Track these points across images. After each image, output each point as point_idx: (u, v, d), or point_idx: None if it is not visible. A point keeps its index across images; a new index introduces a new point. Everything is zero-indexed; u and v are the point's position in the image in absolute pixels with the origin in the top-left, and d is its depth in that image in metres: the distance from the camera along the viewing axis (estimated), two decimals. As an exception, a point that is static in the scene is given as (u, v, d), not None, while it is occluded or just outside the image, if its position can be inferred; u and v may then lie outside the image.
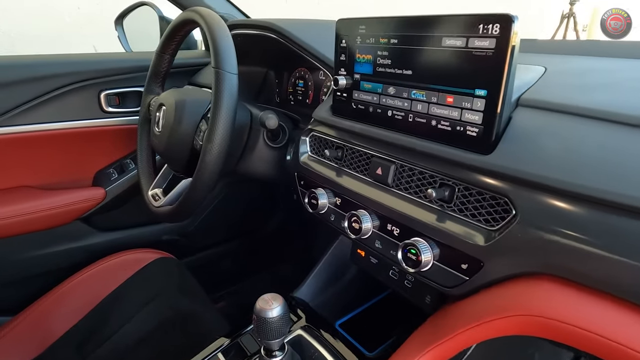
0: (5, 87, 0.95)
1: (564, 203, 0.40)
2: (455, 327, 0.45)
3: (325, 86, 0.96)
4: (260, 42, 0.92)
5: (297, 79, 1.06)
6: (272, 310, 0.49)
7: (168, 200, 0.79)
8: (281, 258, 1.55)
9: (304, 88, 1.04)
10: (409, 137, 0.54)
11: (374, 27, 0.57)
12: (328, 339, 0.64)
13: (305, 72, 1.03)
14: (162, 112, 0.77)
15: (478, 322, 0.42)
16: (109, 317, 0.91)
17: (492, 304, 0.43)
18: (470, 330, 0.43)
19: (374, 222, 0.57)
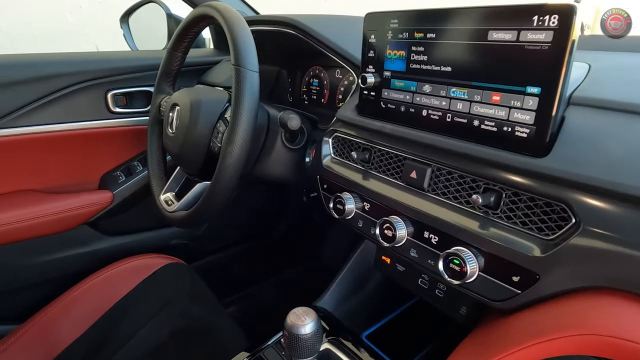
0: (9, 86, 0.91)
1: (631, 210, 0.36)
2: (507, 346, 0.41)
3: (343, 85, 0.92)
4: (275, 40, 0.88)
5: (311, 78, 1.03)
6: (304, 326, 0.46)
7: (182, 205, 0.75)
8: (290, 262, 1.51)
9: (318, 87, 1.00)
10: (447, 139, 0.50)
11: (408, 20, 0.53)
12: (355, 352, 0.61)
13: (321, 70, 0.99)
14: (176, 112, 0.74)
15: (535, 341, 0.39)
16: (118, 326, 0.88)
17: (550, 321, 0.39)
18: (525, 350, 0.39)
19: (408, 229, 0.54)
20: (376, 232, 0.56)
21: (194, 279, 1.00)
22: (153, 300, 0.91)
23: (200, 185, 0.77)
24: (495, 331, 0.45)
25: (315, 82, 1.01)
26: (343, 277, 0.73)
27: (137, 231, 1.19)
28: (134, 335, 0.85)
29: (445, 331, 0.65)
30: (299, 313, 0.47)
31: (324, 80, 0.98)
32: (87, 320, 0.88)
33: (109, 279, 0.96)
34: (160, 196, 0.81)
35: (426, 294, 0.64)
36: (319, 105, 1.00)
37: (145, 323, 0.87)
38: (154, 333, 0.85)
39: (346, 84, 0.91)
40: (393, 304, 0.72)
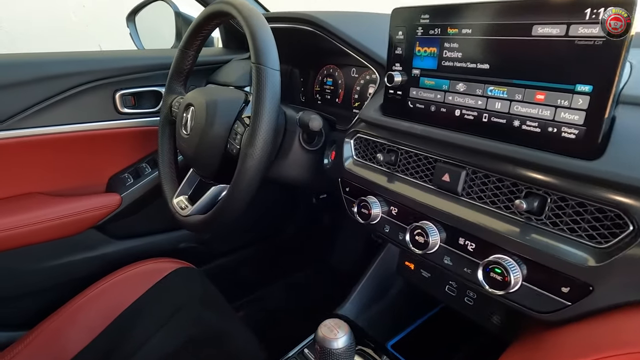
0: (15, 86, 0.89)
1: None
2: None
3: (359, 84, 0.89)
4: (289, 37, 0.86)
5: (324, 77, 1.00)
6: (337, 340, 0.43)
7: (197, 209, 0.73)
8: (299, 265, 1.49)
9: (332, 87, 0.98)
10: (485, 140, 0.48)
11: (441, 15, 0.50)
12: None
13: (335, 69, 0.96)
14: (191, 113, 0.71)
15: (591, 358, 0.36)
16: (128, 334, 0.85)
17: (607, 337, 0.36)
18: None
19: (441, 234, 0.51)
20: (406, 238, 0.53)
21: (206, 284, 0.97)
22: (164, 306, 0.89)
23: (216, 188, 0.74)
24: (542, 344, 0.42)
25: (329, 81, 0.99)
26: (364, 284, 0.70)
27: (145, 234, 1.17)
28: (145, 343, 0.83)
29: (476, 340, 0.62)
30: (331, 325, 0.44)
31: (339, 79, 0.95)
32: (96, 327, 0.85)
33: (118, 284, 0.93)
34: (173, 200, 0.79)
35: (454, 302, 0.62)
36: (333, 105, 0.98)
37: (157, 330, 0.84)
38: (166, 341, 0.83)
39: (362, 83, 0.88)
40: (417, 311, 0.69)
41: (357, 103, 0.91)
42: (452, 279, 0.62)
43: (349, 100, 0.93)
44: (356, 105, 0.91)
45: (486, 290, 0.44)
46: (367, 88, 0.87)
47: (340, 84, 0.95)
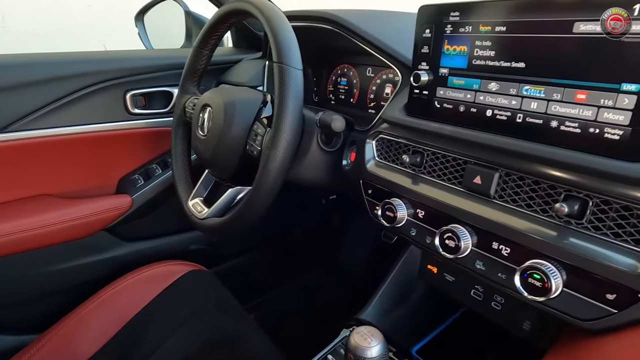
0: (26, 87, 0.87)
1: None
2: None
3: (375, 84, 0.88)
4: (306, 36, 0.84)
5: (338, 77, 0.99)
6: (371, 349, 0.41)
7: (214, 212, 0.71)
8: (308, 266, 1.47)
9: (347, 86, 0.96)
10: (520, 141, 0.46)
11: (473, 12, 0.49)
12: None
13: (350, 69, 0.95)
14: (207, 114, 0.70)
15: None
16: (142, 338, 0.83)
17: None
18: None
19: (472, 238, 0.50)
20: (435, 242, 0.52)
21: (218, 287, 0.96)
22: (178, 309, 0.87)
23: (233, 190, 0.72)
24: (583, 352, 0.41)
25: (343, 81, 0.97)
26: (386, 288, 0.68)
27: (154, 236, 1.16)
28: (159, 347, 0.81)
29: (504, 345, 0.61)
30: (364, 333, 0.43)
31: (354, 79, 0.94)
32: (108, 331, 0.84)
33: (130, 287, 0.92)
34: (188, 202, 0.77)
35: (480, 307, 0.60)
36: (348, 105, 0.96)
37: (171, 334, 0.83)
38: (180, 345, 0.81)
39: (379, 83, 0.87)
40: (439, 315, 0.68)
41: (372, 103, 0.89)
42: (478, 283, 0.61)
43: (364, 100, 0.91)
44: (372, 105, 0.89)
45: (524, 297, 0.43)
46: (383, 88, 0.86)
47: (355, 84, 0.94)
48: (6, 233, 0.88)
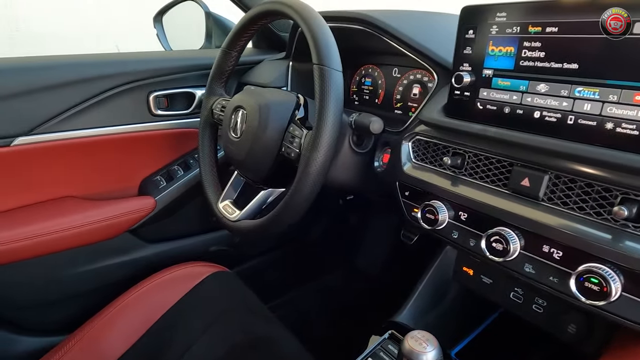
0: (51, 89, 0.87)
1: None
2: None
3: (401, 84, 0.87)
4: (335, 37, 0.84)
5: (362, 77, 0.98)
6: (426, 354, 0.41)
7: (246, 214, 0.71)
8: (326, 267, 1.47)
9: (371, 87, 0.96)
10: (573, 143, 0.46)
11: (521, 13, 0.48)
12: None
13: (374, 69, 0.94)
14: (241, 116, 0.69)
15: None
16: (169, 339, 0.83)
17: None
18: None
19: (520, 241, 0.49)
20: (481, 245, 0.51)
21: (243, 288, 0.96)
22: (204, 311, 0.87)
23: (265, 192, 0.72)
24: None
25: (367, 81, 0.97)
26: (421, 290, 0.68)
27: (175, 238, 1.16)
28: (188, 349, 0.81)
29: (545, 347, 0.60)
30: (419, 337, 0.42)
31: (379, 79, 0.94)
32: (135, 332, 0.84)
33: (156, 288, 0.92)
34: (218, 204, 0.77)
35: (521, 309, 0.60)
36: (372, 105, 0.96)
37: (199, 336, 0.83)
38: (210, 348, 0.81)
39: (405, 84, 0.86)
40: (475, 317, 0.68)
41: (399, 104, 0.89)
42: (517, 286, 0.60)
43: (390, 101, 0.91)
44: (398, 106, 0.89)
45: (580, 301, 0.42)
46: (411, 88, 0.85)
47: (380, 84, 0.93)
48: (33, 235, 0.88)
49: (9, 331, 0.93)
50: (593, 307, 0.42)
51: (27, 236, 0.88)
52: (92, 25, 2.16)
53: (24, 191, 0.92)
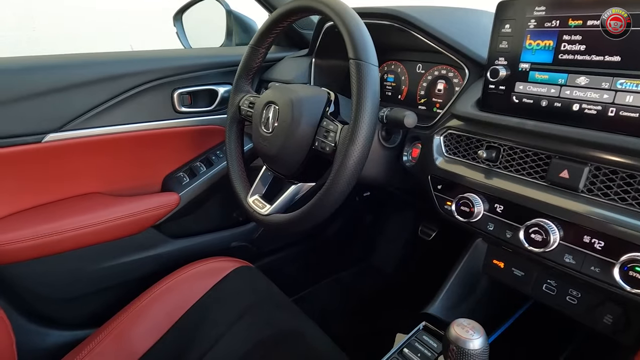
0: (80, 87, 0.89)
1: None
2: None
3: (425, 80, 0.88)
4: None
5: (385, 74, 0.99)
6: (473, 341, 0.42)
7: (277, 208, 0.72)
8: (342, 263, 1.48)
9: (394, 83, 0.97)
10: (615, 135, 0.46)
11: (562, 7, 0.49)
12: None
13: (397, 65, 0.95)
14: (272, 111, 0.70)
15: None
16: (196, 333, 0.84)
17: None
18: None
19: (560, 233, 0.50)
20: (518, 237, 0.52)
21: (268, 282, 0.97)
22: (230, 305, 0.88)
23: (296, 187, 0.73)
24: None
25: (390, 77, 0.97)
26: (452, 283, 0.69)
27: (197, 234, 1.17)
28: (216, 343, 0.82)
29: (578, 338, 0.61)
30: (465, 325, 0.43)
31: (402, 75, 0.94)
32: (162, 326, 0.85)
33: (181, 282, 0.93)
34: (247, 199, 0.78)
35: (554, 301, 0.60)
36: (395, 101, 0.96)
37: (227, 330, 0.84)
38: (238, 340, 0.82)
39: (430, 79, 0.87)
40: (506, 308, 0.68)
41: (423, 99, 0.89)
42: (550, 278, 0.61)
43: (414, 96, 0.91)
44: (422, 101, 0.90)
45: (624, 290, 0.43)
46: (435, 84, 0.86)
47: (404, 80, 0.94)
48: (60, 231, 0.90)
49: (39, 324, 0.95)
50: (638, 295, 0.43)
51: (56, 231, 0.89)
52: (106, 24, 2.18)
53: (53, 187, 0.94)
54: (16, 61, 0.84)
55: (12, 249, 0.86)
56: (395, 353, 0.59)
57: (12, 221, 0.89)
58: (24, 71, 0.83)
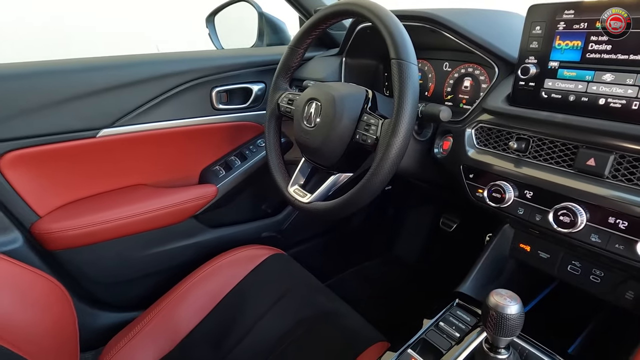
0: (131, 86, 0.96)
1: None
2: None
3: (452, 77, 0.93)
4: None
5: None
6: (510, 307, 0.48)
7: (318, 196, 0.78)
8: (366, 255, 1.54)
9: (421, 80, 1.02)
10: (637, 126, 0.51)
11: (590, 10, 0.54)
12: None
13: (425, 64, 1.00)
14: (314, 108, 0.76)
15: None
16: (238, 314, 0.91)
17: None
18: None
19: (587, 215, 0.55)
20: (548, 219, 0.58)
21: (301, 269, 1.03)
22: (269, 287, 0.95)
23: (334, 177, 0.79)
24: None
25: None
26: (482, 265, 0.74)
27: (231, 224, 1.24)
28: (256, 322, 0.88)
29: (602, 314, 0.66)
30: (502, 294, 0.49)
31: (429, 73, 1.00)
32: (205, 307, 0.92)
33: (221, 268, 0.99)
34: (288, 188, 0.84)
35: (578, 281, 0.66)
36: (422, 98, 1.01)
37: (267, 310, 0.90)
38: (278, 319, 0.88)
39: (456, 77, 0.92)
40: (532, 288, 0.74)
41: (450, 96, 0.95)
42: (574, 259, 0.66)
43: (441, 93, 0.97)
44: (449, 98, 0.95)
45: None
46: (462, 81, 0.91)
47: (431, 78, 0.99)
48: (110, 219, 0.97)
49: (91, 306, 1.03)
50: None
51: (107, 220, 0.97)
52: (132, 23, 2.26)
53: (104, 179, 1.02)
54: (76, 62, 0.92)
55: (68, 235, 0.93)
56: (432, 326, 0.65)
57: (68, 210, 0.97)
58: (82, 71, 0.91)
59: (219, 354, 0.84)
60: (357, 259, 1.51)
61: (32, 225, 0.91)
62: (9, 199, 0.88)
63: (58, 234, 0.92)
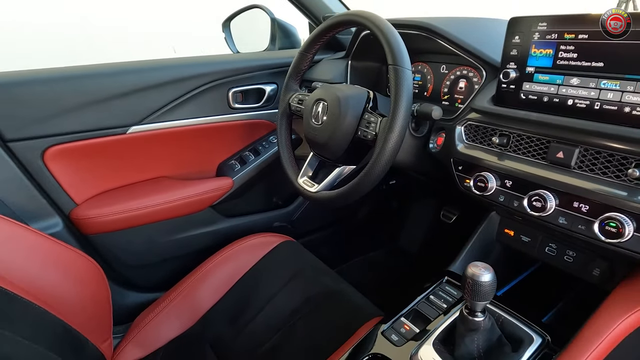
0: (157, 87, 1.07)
1: None
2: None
3: (449, 79, 1.02)
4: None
5: (413, 74, 1.13)
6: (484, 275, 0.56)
7: (325, 186, 0.88)
8: (372, 245, 1.63)
9: (421, 82, 1.11)
10: (597, 123, 0.60)
11: (559, 23, 0.63)
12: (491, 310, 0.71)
13: (424, 66, 1.09)
14: (321, 107, 0.86)
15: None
16: (253, 293, 1.01)
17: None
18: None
19: (555, 200, 0.64)
20: (523, 204, 0.66)
21: (310, 255, 1.13)
22: (280, 271, 1.05)
23: (339, 169, 0.89)
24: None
25: (417, 77, 1.11)
26: (471, 246, 0.83)
27: (245, 214, 1.34)
28: (269, 301, 0.98)
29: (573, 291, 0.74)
30: (478, 265, 0.58)
31: (427, 75, 1.08)
32: (222, 288, 1.02)
33: (237, 253, 1.10)
34: (298, 179, 0.94)
35: (554, 260, 0.74)
36: (421, 98, 1.10)
37: (279, 290, 1.00)
38: (288, 298, 0.98)
39: (452, 79, 1.01)
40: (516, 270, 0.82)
41: (446, 96, 1.03)
42: (551, 242, 0.75)
43: (438, 93, 1.05)
44: (445, 98, 1.04)
45: (601, 241, 0.57)
46: (457, 83, 1.00)
47: (429, 79, 1.08)
48: (138, 208, 1.08)
49: (122, 287, 1.15)
50: (610, 244, 0.56)
51: (134, 208, 1.08)
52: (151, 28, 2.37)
53: (133, 171, 1.13)
54: (108, 67, 1.03)
55: (101, 221, 1.05)
56: (423, 299, 0.74)
57: (101, 199, 1.08)
58: (114, 75, 1.02)
59: (235, 328, 0.94)
60: (363, 249, 1.60)
61: (71, 211, 1.02)
62: (50, 188, 1.00)
63: (93, 219, 1.03)
